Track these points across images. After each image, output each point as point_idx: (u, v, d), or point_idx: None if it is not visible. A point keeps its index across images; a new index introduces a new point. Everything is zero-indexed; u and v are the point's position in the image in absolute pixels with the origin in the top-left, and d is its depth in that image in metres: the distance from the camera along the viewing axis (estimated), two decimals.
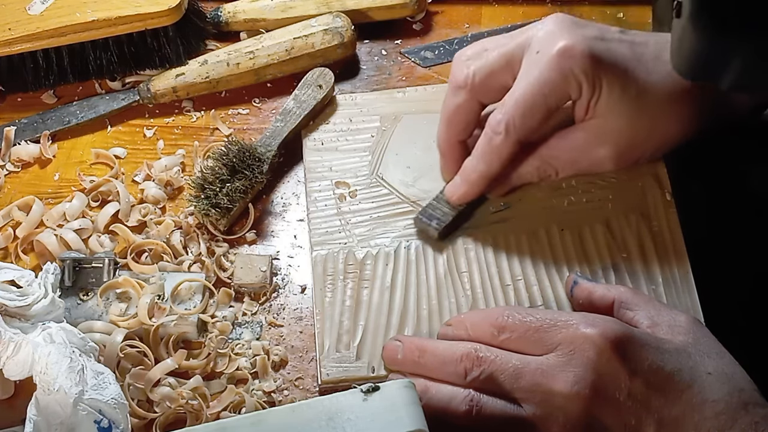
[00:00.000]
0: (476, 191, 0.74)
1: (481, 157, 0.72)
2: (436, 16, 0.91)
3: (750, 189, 0.77)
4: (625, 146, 0.72)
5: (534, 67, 0.68)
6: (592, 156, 0.72)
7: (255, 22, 0.88)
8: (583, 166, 0.73)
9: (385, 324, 0.71)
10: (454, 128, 0.74)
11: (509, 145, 0.71)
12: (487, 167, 0.72)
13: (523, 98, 0.69)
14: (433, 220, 0.74)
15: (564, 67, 0.67)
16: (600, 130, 0.71)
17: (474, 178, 0.73)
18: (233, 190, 0.75)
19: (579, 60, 0.67)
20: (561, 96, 0.69)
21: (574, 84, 0.68)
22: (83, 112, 0.84)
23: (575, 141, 0.72)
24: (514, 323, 0.64)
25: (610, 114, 0.69)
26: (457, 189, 0.74)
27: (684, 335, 0.63)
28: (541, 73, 0.68)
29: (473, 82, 0.72)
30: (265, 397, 0.69)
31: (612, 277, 0.72)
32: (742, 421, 0.59)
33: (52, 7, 0.83)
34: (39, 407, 0.61)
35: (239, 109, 0.85)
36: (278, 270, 0.76)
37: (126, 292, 0.73)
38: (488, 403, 0.62)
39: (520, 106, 0.69)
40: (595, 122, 0.70)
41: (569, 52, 0.67)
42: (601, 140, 0.71)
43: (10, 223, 0.78)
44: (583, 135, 0.71)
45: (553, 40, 0.68)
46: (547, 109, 0.69)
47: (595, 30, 0.69)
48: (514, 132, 0.70)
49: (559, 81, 0.68)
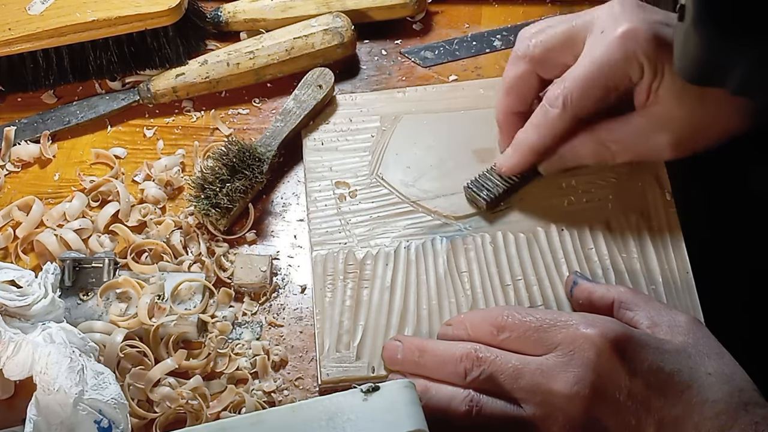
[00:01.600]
0: (526, 162, 0.74)
1: (535, 128, 0.72)
2: (436, 16, 0.91)
3: (750, 189, 0.77)
4: (686, 134, 0.71)
5: (597, 46, 0.69)
6: (651, 142, 0.72)
7: (255, 22, 0.88)
8: (641, 151, 0.73)
9: (385, 324, 0.71)
10: (511, 99, 0.75)
11: (564, 119, 0.71)
12: (540, 139, 0.72)
13: (584, 75, 0.69)
14: (483, 191, 0.74)
15: (627, 49, 0.67)
16: (661, 116, 0.70)
17: (525, 149, 0.73)
18: (233, 190, 0.75)
19: (643, 43, 0.67)
20: (622, 77, 0.69)
21: (636, 66, 0.68)
22: (83, 112, 0.84)
23: (636, 126, 0.71)
24: (513, 323, 0.64)
25: (672, 100, 0.69)
26: (508, 159, 0.74)
27: (684, 335, 0.63)
28: (603, 52, 0.68)
29: (533, 53, 0.72)
30: (265, 397, 0.69)
31: (612, 277, 0.72)
32: (742, 421, 0.59)
33: (52, 7, 0.83)
34: (39, 407, 0.61)
35: (239, 109, 0.85)
36: (278, 270, 0.76)
37: (126, 292, 0.73)
38: (488, 403, 0.62)
39: (579, 83, 0.69)
40: (656, 108, 0.70)
41: (633, 34, 0.67)
42: (662, 127, 0.71)
43: (10, 223, 0.78)
44: (643, 121, 0.71)
45: (617, 22, 0.68)
46: (606, 88, 0.69)
47: (661, 15, 0.69)
48: (570, 107, 0.70)
49: (621, 62, 0.68)
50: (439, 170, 0.78)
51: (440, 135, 0.80)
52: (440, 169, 0.78)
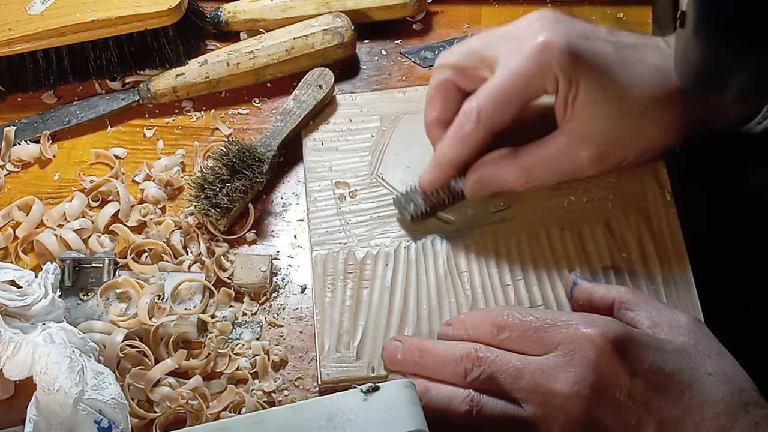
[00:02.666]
0: (446, 177, 0.74)
1: (452, 142, 0.72)
2: (436, 16, 0.91)
3: (750, 188, 0.77)
4: (607, 148, 0.71)
5: (512, 58, 0.69)
6: (574, 159, 0.71)
7: (255, 22, 0.88)
8: (566, 170, 0.73)
9: (385, 324, 0.71)
10: (433, 108, 0.75)
11: (480, 133, 0.70)
12: (456, 153, 0.72)
13: (498, 88, 0.69)
14: (411, 205, 0.74)
15: (542, 61, 0.67)
16: (581, 131, 0.70)
17: (444, 163, 0.73)
18: (233, 190, 0.75)
19: (557, 55, 0.67)
20: (536, 89, 0.69)
21: (550, 78, 0.68)
22: (83, 112, 0.84)
23: (556, 145, 0.71)
24: (514, 323, 0.64)
25: (590, 114, 0.69)
26: (428, 174, 0.74)
27: (684, 336, 0.63)
28: (518, 64, 0.68)
29: (450, 62, 0.73)
30: (265, 397, 0.69)
31: (612, 277, 0.72)
32: (742, 421, 0.59)
33: (52, 7, 0.83)
34: (39, 407, 0.61)
35: (239, 109, 0.85)
36: (278, 270, 0.76)
37: (126, 292, 0.73)
38: (488, 403, 0.62)
39: (494, 96, 0.69)
40: (575, 124, 0.70)
41: (548, 47, 0.67)
42: (583, 142, 0.71)
43: (10, 223, 0.78)
44: (564, 138, 0.71)
45: (534, 35, 0.68)
46: (521, 100, 0.69)
47: (580, 27, 0.69)
48: (485, 120, 0.70)
49: (535, 74, 0.68)
50: None
51: None
52: None
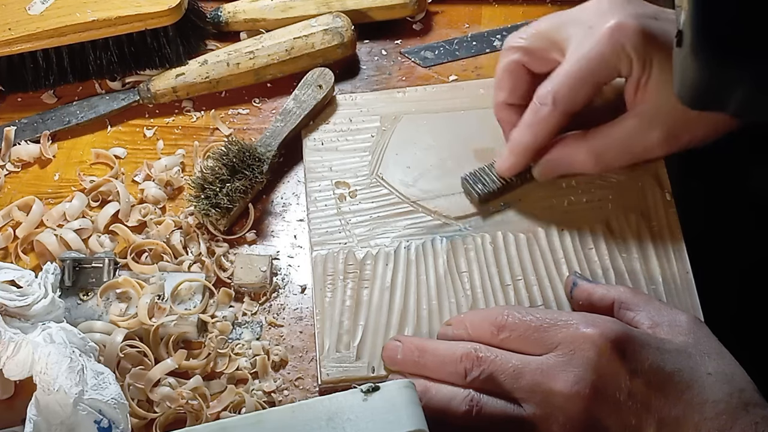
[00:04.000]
0: (523, 162, 0.74)
1: (527, 127, 0.72)
2: (436, 16, 0.90)
3: (750, 189, 0.77)
4: (677, 130, 0.71)
5: (585, 41, 0.68)
6: (644, 140, 0.71)
7: (255, 22, 0.88)
8: (636, 152, 0.73)
9: (385, 324, 0.71)
10: (502, 91, 0.75)
11: (556, 116, 0.71)
12: (533, 138, 0.72)
13: (573, 71, 0.69)
14: (479, 184, 0.75)
15: (616, 43, 0.67)
16: (651, 113, 0.70)
17: (520, 149, 0.73)
18: (233, 190, 0.75)
19: (631, 37, 0.67)
20: (611, 71, 0.69)
21: (625, 60, 0.68)
22: (83, 112, 0.84)
23: (627, 127, 0.71)
24: (514, 322, 0.64)
25: (661, 95, 0.69)
26: (505, 161, 0.74)
27: (684, 335, 0.63)
28: (592, 47, 0.68)
29: (520, 45, 0.73)
30: (265, 397, 0.69)
31: (612, 277, 0.72)
32: (742, 421, 0.59)
33: (52, 7, 0.83)
34: (39, 407, 0.61)
35: (239, 109, 0.85)
36: (278, 270, 0.76)
37: (126, 292, 0.73)
38: (488, 403, 0.62)
39: (569, 79, 0.69)
40: (645, 106, 0.70)
41: (622, 29, 0.67)
42: (653, 123, 0.71)
43: (10, 223, 0.78)
44: (634, 121, 0.71)
45: (605, 17, 0.68)
46: (596, 83, 0.69)
47: (650, 9, 0.69)
48: (561, 103, 0.70)
49: (610, 56, 0.68)
50: (439, 170, 0.78)
51: (440, 135, 0.80)
52: (440, 169, 0.78)
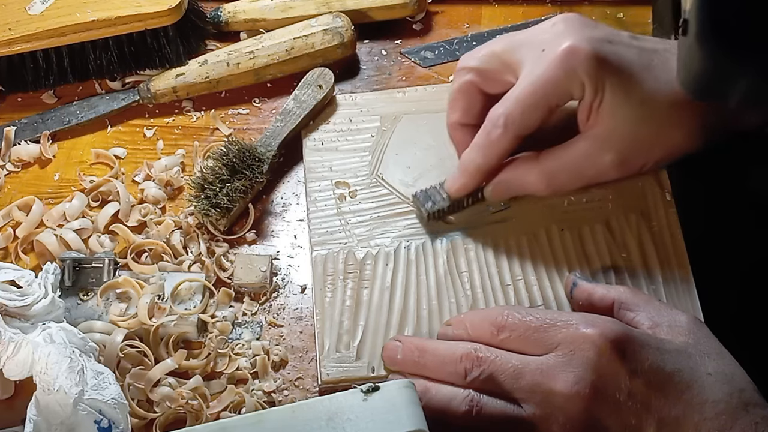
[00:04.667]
0: (473, 183, 0.74)
1: (478, 149, 0.72)
2: (436, 16, 0.91)
3: (750, 188, 0.77)
4: (629, 153, 0.71)
5: (538, 64, 0.68)
6: (596, 164, 0.72)
7: (255, 22, 0.88)
8: (588, 175, 0.73)
9: (385, 324, 0.71)
10: (455, 111, 0.75)
11: (507, 139, 0.70)
12: (484, 160, 0.72)
13: (525, 94, 0.69)
14: (428, 202, 0.74)
15: (568, 67, 0.67)
16: (603, 136, 0.70)
17: (471, 170, 0.73)
18: (233, 190, 0.75)
19: (584, 60, 0.67)
20: (563, 95, 0.69)
21: (577, 84, 0.68)
22: (83, 112, 0.84)
23: (579, 150, 0.71)
24: (514, 322, 0.64)
25: (614, 119, 0.69)
26: (455, 181, 0.74)
27: (684, 336, 0.63)
28: (545, 70, 0.68)
29: (472, 65, 0.73)
30: (265, 397, 0.69)
31: (612, 277, 0.72)
32: (742, 421, 0.59)
33: (52, 7, 0.83)
34: (39, 407, 0.61)
35: (239, 109, 0.85)
36: (278, 270, 0.76)
37: (126, 292, 0.73)
38: (488, 403, 0.62)
39: (520, 102, 0.69)
40: (598, 129, 0.70)
41: (575, 52, 0.67)
42: (605, 147, 0.71)
43: (10, 223, 0.78)
44: (586, 144, 0.71)
45: (559, 40, 0.68)
46: (548, 107, 0.69)
47: (605, 32, 0.69)
48: (513, 127, 0.70)
49: (562, 80, 0.68)
50: (439, 170, 0.78)
51: (440, 135, 0.80)
52: (440, 169, 0.78)
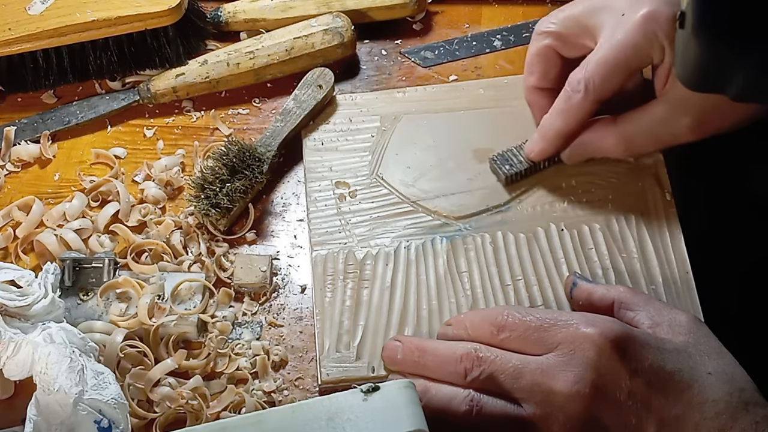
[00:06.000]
0: (553, 148, 0.74)
1: (559, 114, 0.73)
2: (436, 16, 0.90)
3: (750, 188, 0.77)
4: (706, 116, 0.71)
5: (618, 29, 0.69)
6: (673, 127, 0.71)
7: (255, 22, 0.88)
8: (665, 138, 0.73)
9: (385, 324, 0.71)
10: (533, 75, 0.75)
11: (588, 103, 0.71)
12: (564, 125, 0.73)
13: (605, 59, 0.69)
14: (506, 165, 0.75)
15: (649, 31, 0.67)
16: (681, 100, 0.70)
17: (551, 134, 0.74)
18: (233, 190, 0.75)
19: (664, 24, 0.67)
20: (643, 59, 0.69)
21: (657, 48, 0.68)
22: (83, 112, 0.84)
23: (656, 113, 0.71)
24: (514, 322, 0.64)
25: None
26: (535, 145, 0.75)
27: (685, 335, 0.63)
28: (625, 35, 0.68)
29: (551, 29, 0.73)
30: (265, 397, 0.69)
31: (612, 277, 0.72)
32: (742, 420, 0.59)
33: (52, 7, 0.83)
34: (39, 407, 0.61)
35: (239, 109, 0.85)
36: (278, 270, 0.76)
37: (126, 292, 0.73)
38: (488, 403, 0.62)
39: (601, 66, 0.69)
40: (674, 93, 0.70)
41: (654, 17, 0.67)
42: (682, 110, 0.70)
43: (10, 223, 0.78)
44: (663, 107, 0.71)
45: (639, 4, 0.68)
46: (628, 71, 0.70)
47: None
48: (593, 91, 0.70)
49: (642, 44, 0.68)
50: (439, 170, 0.78)
51: (440, 135, 0.80)
52: (440, 169, 0.78)
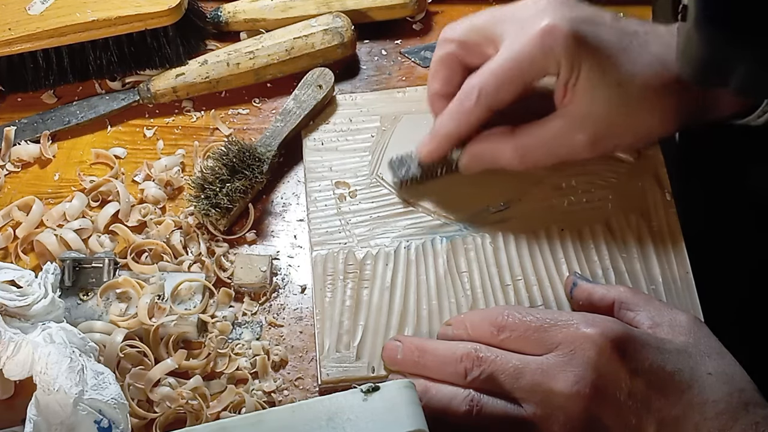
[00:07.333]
0: (442, 149, 0.74)
1: (451, 117, 0.72)
2: (436, 16, 0.90)
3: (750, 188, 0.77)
4: (602, 133, 0.71)
5: (516, 40, 0.69)
6: (569, 142, 0.71)
7: (255, 22, 0.88)
8: (561, 152, 0.72)
9: (385, 324, 0.71)
10: (436, 81, 0.75)
11: (479, 111, 0.71)
12: (455, 128, 0.72)
13: (500, 68, 0.69)
14: (402, 168, 0.76)
15: (545, 45, 0.67)
16: (578, 115, 0.70)
17: (440, 136, 0.73)
18: (233, 190, 0.75)
19: (561, 39, 0.67)
20: (538, 71, 0.69)
21: (553, 62, 0.68)
22: (83, 112, 0.84)
23: (553, 128, 0.71)
24: (514, 322, 0.64)
25: (589, 99, 0.69)
26: (424, 146, 0.75)
27: (685, 335, 0.63)
28: (522, 46, 0.68)
29: (454, 36, 0.73)
30: (265, 397, 0.69)
31: (612, 277, 0.72)
32: (742, 421, 0.59)
33: (52, 7, 0.83)
34: (39, 407, 0.61)
35: (239, 109, 0.85)
36: (278, 270, 0.76)
37: (126, 292, 0.73)
38: (488, 403, 0.62)
39: (495, 76, 0.69)
40: (573, 107, 0.70)
41: (553, 31, 0.67)
42: (579, 126, 0.71)
43: (10, 223, 0.78)
44: (561, 121, 0.71)
45: (539, 17, 0.68)
46: (522, 82, 0.69)
47: (586, 12, 0.69)
48: (485, 99, 0.70)
49: (538, 57, 0.68)
50: None
51: None
52: None
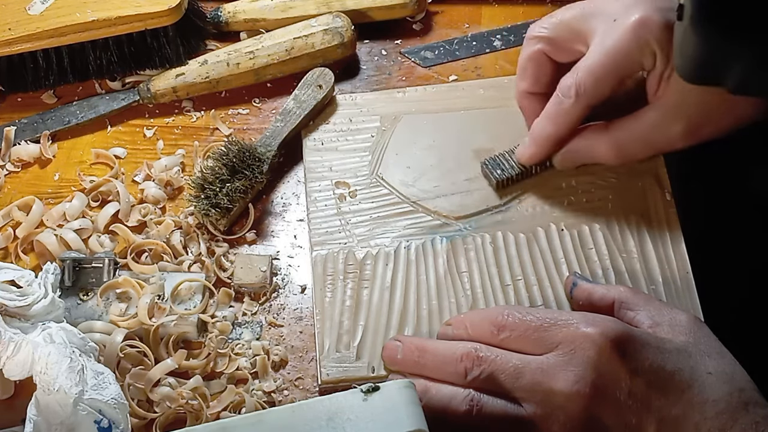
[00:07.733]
0: (544, 153, 0.74)
1: (550, 118, 0.73)
2: (436, 16, 0.91)
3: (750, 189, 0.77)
4: (698, 122, 0.71)
5: (610, 34, 0.69)
6: (666, 134, 0.72)
7: (255, 22, 0.88)
8: (658, 144, 0.73)
9: (385, 324, 0.71)
10: (525, 80, 0.75)
11: (578, 109, 0.71)
12: (555, 129, 0.73)
13: (596, 64, 0.69)
14: (497, 169, 0.76)
15: (640, 37, 0.67)
16: (673, 106, 0.70)
17: (542, 139, 0.74)
18: (233, 190, 0.75)
19: (655, 31, 0.67)
20: (634, 65, 0.69)
21: (648, 55, 0.68)
22: (83, 112, 0.84)
23: (649, 120, 0.71)
24: (514, 322, 0.64)
25: (683, 88, 0.68)
26: (526, 150, 0.75)
27: (685, 335, 0.63)
28: (616, 41, 0.68)
29: (542, 34, 0.73)
30: (265, 397, 0.69)
31: (612, 277, 0.72)
32: (742, 420, 0.59)
33: (52, 7, 0.83)
34: (39, 407, 0.61)
35: (239, 109, 0.85)
36: (278, 270, 0.76)
37: (126, 292, 0.73)
38: (488, 402, 0.62)
39: (592, 72, 0.69)
40: (667, 99, 0.70)
41: (646, 23, 0.67)
42: (675, 117, 0.71)
43: (10, 223, 0.78)
44: (656, 113, 0.71)
45: (630, 10, 0.68)
46: (619, 77, 0.70)
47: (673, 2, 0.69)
48: (584, 97, 0.70)
49: (634, 50, 0.68)
50: (439, 170, 0.78)
51: (440, 135, 0.80)
52: (440, 169, 0.78)
